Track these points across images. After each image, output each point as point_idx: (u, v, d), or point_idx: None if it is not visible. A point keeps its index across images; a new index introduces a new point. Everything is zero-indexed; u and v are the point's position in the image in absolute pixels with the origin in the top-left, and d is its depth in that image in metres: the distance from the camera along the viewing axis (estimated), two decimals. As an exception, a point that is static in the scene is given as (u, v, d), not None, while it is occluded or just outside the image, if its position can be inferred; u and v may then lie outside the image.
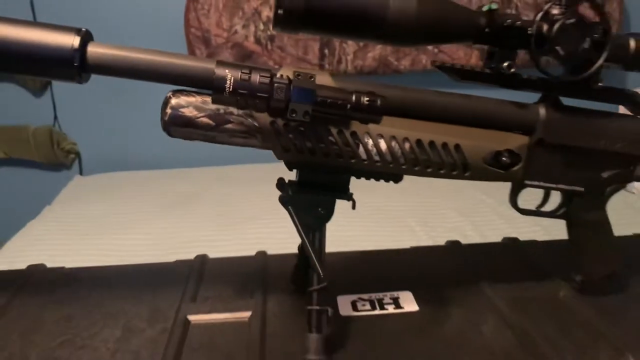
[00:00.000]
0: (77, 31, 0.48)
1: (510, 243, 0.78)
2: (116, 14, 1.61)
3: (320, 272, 0.53)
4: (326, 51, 1.54)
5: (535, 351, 0.53)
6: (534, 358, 0.52)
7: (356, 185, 0.56)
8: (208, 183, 1.51)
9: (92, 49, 0.48)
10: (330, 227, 0.56)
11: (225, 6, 1.53)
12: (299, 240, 0.56)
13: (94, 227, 1.22)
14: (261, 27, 1.53)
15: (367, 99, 0.48)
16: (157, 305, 0.64)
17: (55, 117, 1.69)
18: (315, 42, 1.54)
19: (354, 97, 0.48)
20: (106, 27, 1.56)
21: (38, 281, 0.71)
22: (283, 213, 0.56)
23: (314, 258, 0.53)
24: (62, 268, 0.75)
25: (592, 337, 0.55)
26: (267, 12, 1.53)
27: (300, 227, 0.54)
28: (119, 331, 0.59)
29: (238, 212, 1.26)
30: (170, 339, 0.57)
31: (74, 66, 0.48)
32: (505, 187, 0.62)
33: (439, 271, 0.71)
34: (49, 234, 1.19)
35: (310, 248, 0.53)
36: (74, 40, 0.47)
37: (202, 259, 0.75)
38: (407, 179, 0.58)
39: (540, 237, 0.83)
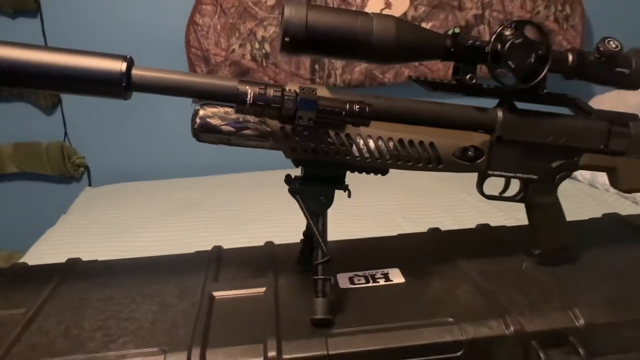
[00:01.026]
0: (124, 58, 0.60)
1: (483, 228, 0.91)
2: (123, 35, 1.73)
3: (324, 248, 0.65)
4: (317, 66, 1.67)
5: (499, 307, 0.65)
6: (497, 312, 0.64)
7: (351, 188, 0.68)
8: (211, 190, 1.62)
9: (136, 72, 0.60)
10: (329, 224, 0.68)
11: (223, 28, 1.66)
12: (301, 237, 0.68)
13: (109, 231, 1.33)
14: (256, 46, 1.66)
15: (358, 106, 0.61)
16: (185, 286, 0.75)
17: (66, 133, 1.81)
18: (306, 59, 1.67)
19: (347, 106, 0.61)
20: (113, 48, 1.69)
21: (78, 270, 0.82)
22: (285, 214, 0.68)
23: (319, 237, 0.65)
24: (96, 260, 0.87)
25: (545, 296, 0.67)
26: (262, 32, 1.66)
27: (306, 213, 0.66)
28: (156, 306, 0.70)
29: (242, 215, 1.38)
30: (200, 310, 0.68)
31: (122, 86, 0.60)
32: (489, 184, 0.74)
33: (422, 252, 0.83)
34: (68, 239, 1.30)
35: (315, 229, 0.66)
36: (122, 66, 0.59)
37: (218, 249, 0.86)
38: (396, 181, 0.70)
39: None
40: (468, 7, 1.68)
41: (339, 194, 0.68)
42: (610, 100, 1.76)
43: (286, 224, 0.78)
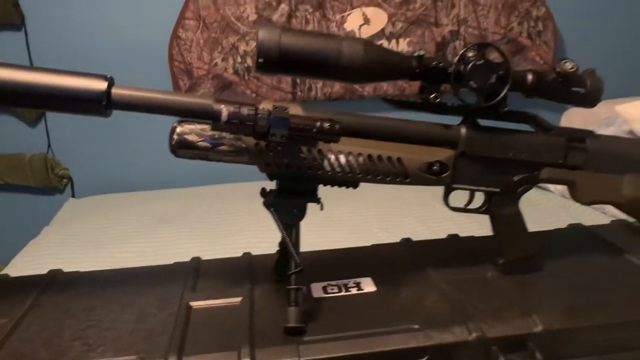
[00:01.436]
0: (105, 78, 0.63)
1: (453, 238, 0.94)
2: (107, 49, 1.75)
3: (297, 259, 0.68)
4: (298, 80, 1.71)
5: (463, 315, 0.68)
6: (461, 319, 0.67)
7: (328, 199, 0.72)
8: (193, 201, 1.64)
9: (116, 91, 0.63)
10: (306, 236, 0.71)
11: (206, 42, 1.69)
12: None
13: (91, 243, 1.34)
14: (239, 59, 1.70)
15: (328, 124, 0.64)
16: (164, 296, 0.77)
17: (49, 145, 1.82)
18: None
19: (318, 123, 0.64)
20: (98, 62, 1.71)
21: (60, 281, 0.84)
22: (265, 225, 0.71)
23: (292, 248, 0.68)
24: (77, 272, 0.89)
25: (507, 304, 0.71)
26: (244, 47, 1.69)
27: (280, 225, 0.69)
28: (135, 316, 0.72)
29: (223, 226, 1.40)
30: (177, 319, 0.70)
31: (102, 105, 0.62)
32: (458, 196, 0.78)
33: (394, 261, 0.86)
34: (50, 250, 1.32)
35: (288, 241, 0.69)
36: (103, 85, 0.62)
37: (197, 260, 0.89)
38: (374, 192, 0.73)
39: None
40: (444, 24, 1.73)
41: (315, 206, 0.71)
42: (581, 113, 1.82)
43: (266, 235, 0.81)
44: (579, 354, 0.67)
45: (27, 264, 1.21)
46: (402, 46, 1.71)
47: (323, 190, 0.72)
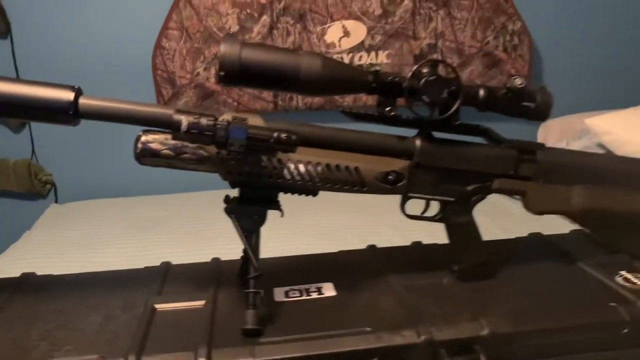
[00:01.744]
0: (72, 88, 0.66)
1: (416, 245, 0.97)
2: (92, 58, 1.79)
3: (255, 264, 0.71)
4: (279, 99, 1.75)
5: (414, 318, 0.71)
6: (412, 322, 0.70)
7: (305, 206, 0.74)
8: (175, 207, 1.67)
9: (83, 101, 0.66)
10: (279, 242, 0.74)
11: (189, 52, 1.72)
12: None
13: (71, 247, 1.37)
14: (221, 69, 1.73)
15: (285, 135, 0.67)
16: (130, 299, 0.80)
17: (33, 151, 1.85)
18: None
19: (275, 134, 0.67)
20: (83, 70, 1.75)
21: (31, 284, 0.86)
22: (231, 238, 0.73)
23: (251, 254, 0.71)
24: (50, 275, 0.91)
25: (458, 308, 0.74)
26: (226, 56, 1.72)
27: (240, 231, 0.72)
28: (101, 318, 0.75)
29: (203, 232, 1.43)
30: (140, 321, 0.73)
31: (70, 114, 0.66)
32: (418, 205, 0.81)
33: (357, 267, 0.88)
34: (30, 254, 1.34)
35: (248, 246, 0.72)
36: (70, 95, 0.65)
37: (167, 264, 0.92)
38: (351, 200, 0.76)
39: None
40: (422, 37, 1.78)
41: (293, 214, 0.74)
42: (559, 125, 1.87)
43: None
44: (522, 356, 0.70)
45: (4, 267, 1.23)
46: (381, 58, 1.75)
47: (301, 198, 0.76)
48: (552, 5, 1.92)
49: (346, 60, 1.75)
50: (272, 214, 0.75)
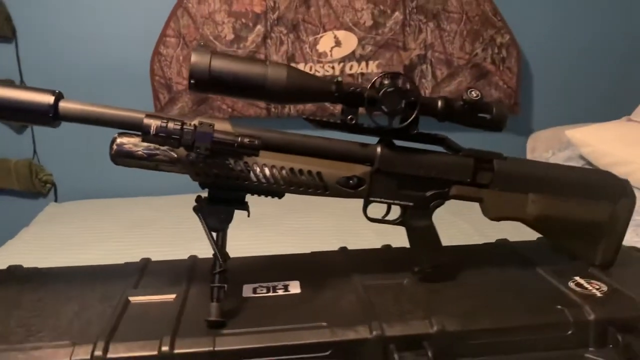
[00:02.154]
0: (53, 92, 0.71)
1: (386, 248, 1.01)
2: (93, 63, 1.86)
3: (220, 260, 0.76)
4: (272, 107, 1.80)
5: (369, 315, 0.75)
6: (367, 319, 0.74)
7: (294, 212, 0.79)
8: (168, 208, 1.72)
9: (62, 105, 0.71)
10: (263, 243, 0.78)
11: (185, 59, 1.79)
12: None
13: (64, 243, 1.43)
14: (215, 76, 1.78)
15: (248, 139, 0.72)
16: (107, 291, 0.84)
17: (35, 152, 1.92)
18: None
19: (239, 138, 0.72)
20: (85, 74, 1.81)
21: (17, 276, 0.92)
22: (232, 233, 0.78)
23: (216, 250, 0.76)
24: (36, 267, 0.96)
25: (413, 307, 0.78)
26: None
27: (206, 229, 0.77)
28: (77, 307, 0.80)
29: (188, 233, 1.47)
30: (114, 312, 0.78)
31: (49, 116, 0.71)
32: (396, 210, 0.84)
33: (325, 268, 0.92)
34: (26, 249, 1.40)
35: (213, 243, 0.76)
36: (50, 99, 0.71)
37: (146, 261, 0.97)
38: (340, 205, 0.80)
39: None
40: (412, 48, 1.82)
41: (282, 217, 0.79)
42: (547, 136, 1.91)
43: (231, 242, 0.90)
44: (470, 354, 0.74)
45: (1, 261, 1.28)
46: (372, 68, 1.80)
47: (290, 203, 0.80)
48: (542, 19, 1.97)
49: (337, 69, 1.80)
50: (262, 217, 0.79)
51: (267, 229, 1.53)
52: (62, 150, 1.92)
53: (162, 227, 1.55)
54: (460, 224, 1.57)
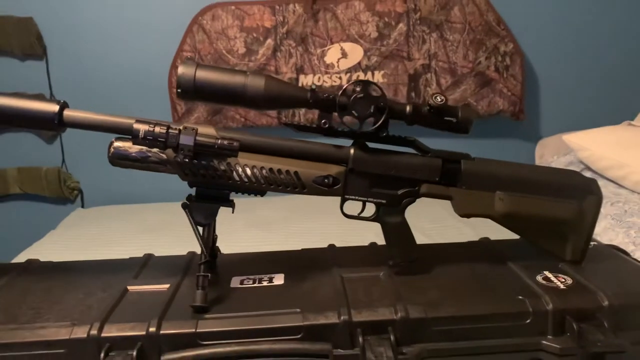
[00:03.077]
0: (58, 102, 0.81)
1: (372, 245, 1.07)
2: (117, 78, 1.99)
3: (205, 252, 0.84)
4: (283, 114, 1.89)
5: (341, 303, 0.81)
6: (338, 306, 0.80)
7: (300, 216, 0.86)
8: (180, 213, 1.82)
9: (66, 113, 0.81)
10: (271, 247, 0.83)
11: (200, 71, 1.89)
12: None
13: (87, 244, 1.53)
14: (229, 87, 1.89)
15: (227, 142, 0.80)
16: (110, 281, 0.93)
17: (63, 160, 2.05)
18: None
19: (219, 141, 0.80)
20: (109, 88, 1.94)
21: (34, 268, 1.02)
22: (237, 237, 0.86)
23: (202, 244, 0.84)
24: (50, 261, 1.07)
25: (383, 296, 0.84)
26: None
27: (193, 224, 0.85)
28: (81, 295, 0.89)
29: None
30: (112, 298, 0.87)
31: (55, 123, 0.81)
32: (427, 215, 0.91)
33: (312, 263, 0.98)
34: (51, 249, 1.51)
35: (198, 237, 0.84)
36: (55, 108, 0.80)
37: (148, 256, 1.06)
38: (334, 213, 0.87)
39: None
40: (416, 58, 1.88)
41: (287, 220, 0.85)
42: (554, 142, 1.93)
43: (233, 244, 0.99)
44: (431, 339, 0.79)
45: (25, 259, 1.40)
46: (377, 78, 1.87)
47: (300, 206, 0.87)
48: (547, 27, 2.00)
49: (344, 79, 1.87)
50: (272, 221, 0.87)
51: (274, 232, 1.61)
52: (88, 160, 2.04)
53: (178, 230, 1.64)
54: (462, 227, 1.61)
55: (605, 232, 1.30)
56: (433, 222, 1.60)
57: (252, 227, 1.64)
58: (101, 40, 1.97)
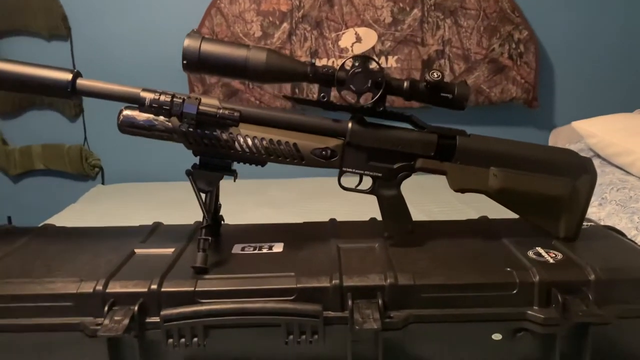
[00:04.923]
0: (71, 71, 0.86)
1: (372, 221, 1.10)
2: (138, 59, 2.06)
3: (207, 217, 0.88)
4: (297, 90, 1.92)
5: (333, 269, 0.84)
6: (330, 272, 0.84)
7: (312, 198, 0.89)
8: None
9: (79, 82, 0.86)
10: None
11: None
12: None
13: (104, 217, 1.59)
14: (245, 70, 1.93)
15: (228, 111, 0.84)
16: (119, 245, 0.98)
17: (85, 138, 2.13)
18: (288, 84, 1.92)
19: (221, 110, 0.84)
20: (130, 69, 2.00)
21: (49, 232, 1.08)
22: (245, 216, 0.88)
23: (203, 208, 0.88)
24: (65, 227, 1.13)
25: (375, 264, 0.87)
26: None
27: (196, 190, 0.89)
28: (91, 256, 0.94)
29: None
30: (119, 259, 0.92)
31: (68, 91, 0.85)
32: (426, 198, 0.93)
33: (312, 234, 1.02)
34: (68, 221, 1.56)
35: (201, 202, 0.89)
36: (69, 76, 0.85)
37: (157, 224, 1.11)
38: (353, 195, 0.91)
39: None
40: (430, 44, 1.89)
41: (305, 202, 0.88)
42: (567, 130, 1.93)
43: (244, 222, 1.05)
44: (419, 306, 0.82)
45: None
46: (391, 63, 1.89)
47: (311, 189, 0.90)
48: (563, 14, 1.99)
49: (358, 64, 1.90)
50: (284, 201, 0.90)
51: (283, 212, 1.65)
52: (110, 138, 2.09)
53: (191, 207, 1.69)
54: (468, 211, 1.63)
55: (609, 217, 1.30)
56: (440, 205, 1.62)
57: (262, 207, 1.68)
58: (123, 22, 2.03)
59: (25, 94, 2.00)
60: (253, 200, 1.74)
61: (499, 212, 1.00)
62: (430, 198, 1.64)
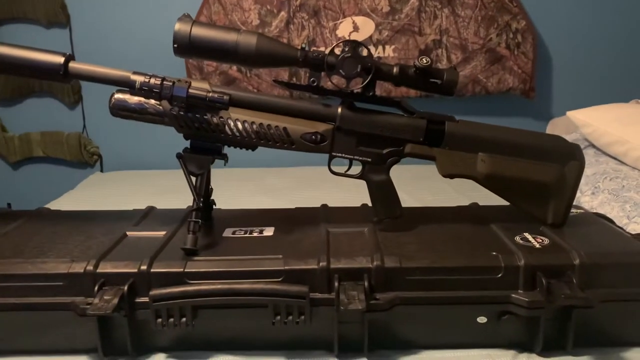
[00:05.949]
0: (64, 54, 0.87)
1: (364, 206, 1.11)
2: (136, 47, 2.06)
3: (197, 199, 0.89)
4: (294, 79, 1.93)
5: (322, 252, 0.85)
6: (318, 254, 0.85)
7: (309, 187, 0.89)
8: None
9: (71, 65, 0.87)
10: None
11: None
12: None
13: (101, 203, 1.60)
14: (242, 58, 1.94)
15: (217, 94, 0.85)
16: (111, 228, 0.99)
17: (84, 126, 2.14)
18: (285, 72, 1.93)
19: (210, 93, 0.85)
20: (129, 57, 2.01)
21: (43, 214, 1.09)
22: (241, 203, 0.88)
23: (193, 191, 0.89)
24: (59, 210, 1.14)
25: (362, 248, 0.87)
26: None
27: (186, 173, 0.90)
28: (84, 238, 0.95)
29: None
30: (111, 241, 0.93)
31: (60, 73, 0.86)
32: (413, 188, 0.95)
33: (302, 219, 1.03)
34: (65, 206, 1.58)
35: (191, 185, 0.90)
36: (61, 60, 0.86)
37: (150, 208, 1.12)
38: (350, 182, 0.91)
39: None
40: (427, 33, 1.89)
41: (301, 190, 0.89)
42: (564, 121, 1.93)
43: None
44: (405, 288, 0.83)
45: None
46: (388, 52, 1.89)
47: (308, 178, 0.90)
48: (562, 5, 1.98)
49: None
50: (280, 190, 0.90)
51: (279, 199, 1.66)
52: (108, 126, 2.11)
53: (188, 194, 1.71)
54: (462, 199, 1.63)
55: (601, 205, 1.31)
56: (434, 193, 1.62)
57: (259, 194, 1.69)
58: (122, 11, 2.04)
59: (21, 77, 2.01)
60: (248, 188, 1.75)
61: (494, 201, 1.01)
62: (424, 185, 1.65)
